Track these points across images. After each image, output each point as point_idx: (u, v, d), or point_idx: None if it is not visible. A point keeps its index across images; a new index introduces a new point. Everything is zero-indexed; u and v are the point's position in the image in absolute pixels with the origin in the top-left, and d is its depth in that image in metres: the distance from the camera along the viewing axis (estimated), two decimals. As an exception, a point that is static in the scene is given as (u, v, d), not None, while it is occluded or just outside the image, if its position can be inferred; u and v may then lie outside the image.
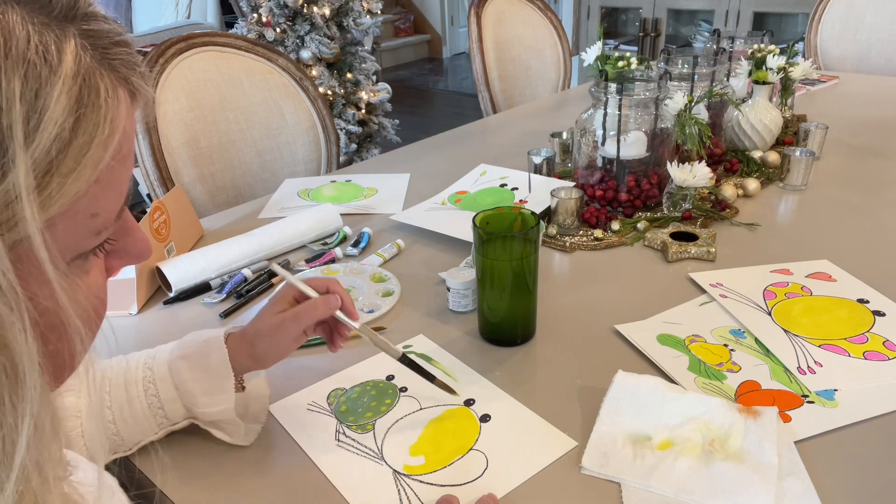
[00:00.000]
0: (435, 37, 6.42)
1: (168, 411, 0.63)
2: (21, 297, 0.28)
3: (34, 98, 0.28)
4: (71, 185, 0.30)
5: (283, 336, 0.64)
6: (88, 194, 0.31)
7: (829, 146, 1.40)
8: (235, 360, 0.64)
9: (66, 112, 0.29)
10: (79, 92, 0.30)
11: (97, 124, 0.31)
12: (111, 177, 0.33)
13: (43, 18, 0.30)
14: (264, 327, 0.64)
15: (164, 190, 1.33)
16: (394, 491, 0.61)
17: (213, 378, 0.63)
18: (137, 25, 4.31)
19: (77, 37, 0.31)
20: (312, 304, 0.65)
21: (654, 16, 4.01)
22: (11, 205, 0.28)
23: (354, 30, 3.03)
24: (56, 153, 0.29)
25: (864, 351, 0.77)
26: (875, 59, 2.22)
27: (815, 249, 1.01)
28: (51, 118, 0.28)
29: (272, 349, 0.65)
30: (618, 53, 1.33)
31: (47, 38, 0.29)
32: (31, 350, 0.29)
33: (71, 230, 0.31)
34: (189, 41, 1.42)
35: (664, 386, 0.70)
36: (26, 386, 0.29)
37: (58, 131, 0.29)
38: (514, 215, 0.81)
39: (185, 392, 0.63)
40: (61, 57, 0.29)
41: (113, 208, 0.34)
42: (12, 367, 0.28)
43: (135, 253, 0.39)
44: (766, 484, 0.58)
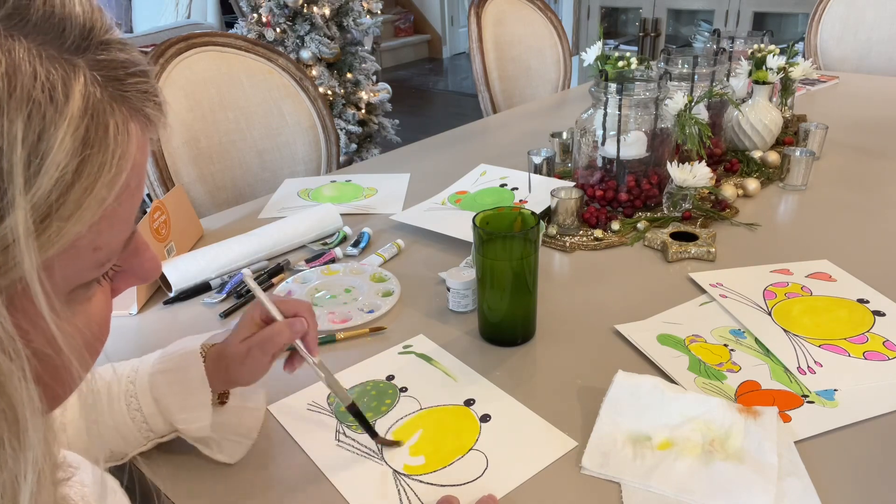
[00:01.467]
0: (435, 37, 6.42)
1: (152, 425, 0.62)
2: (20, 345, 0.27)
3: (37, 140, 0.27)
4: (71, 227, 0.29)
5: (252, 364, 0.62)
6: (91, 231, 0.30)
7: (829, 146, 1.40)
8: (211, 378, 0.62)
9: (69, 154, 0.28)
10: (85, 132, 0.28)
11: (103, 164, 0.29)
12: (117, 212, 0.32)
13: (52, 52, 0.28)
14: (234, 354, 0.62)
15: (164, 190, 1.33)
16: (394, 491, 0.61)
17: (190, 393, 0.61)
18: (137, 25, 4.31)
19: (88, 70, 0.29)
20: (277, 331, 0.62)
21: (654, 16, 4.01)
22: (8, 249, 0.27)
23: (354, 30, 3.03)
24: (57, 197, 0.28)
25: (864, 351, 0.77)
26: (875, 59, 2.22)
27: (815, 249, 1.01)
28: (53, 161, 0.27)
29: (245, 375, 0.63)
30: (618, 53, 1.33)
31: (55, 74, 0.28)
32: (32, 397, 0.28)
33: (71, 265, 0.31)
34: (189, 41, 1.42)
35: (664, 386, 0.70)
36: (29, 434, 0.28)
37: (60, 175, 0.27)
38: (514, 215, 0.81)
39: (164, 408, 0.62)
40: (69, 95, 0.28)
41: (118, 240, 0.33)
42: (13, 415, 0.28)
43: (142, 274, 0.38)
44: (766, 484, 0.58)
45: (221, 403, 0.65)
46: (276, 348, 0.62)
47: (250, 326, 0.63)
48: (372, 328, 0.85)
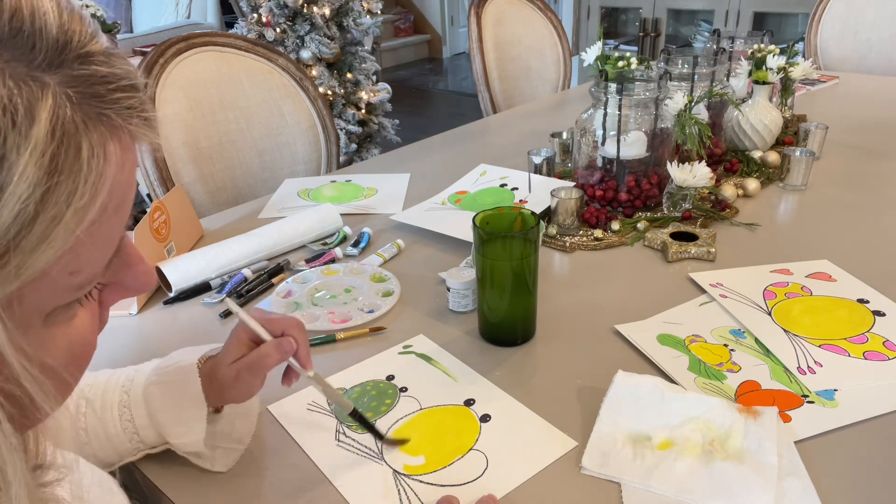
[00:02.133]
0: (435, 37, 6.42)
1: (143, 437, 0.62)
2: None
3: None
4: (37, 259, 0.27)
5: (242, 386, 0.61)
6: (64, 259, 0.28)
7: (829, 146, 1.40)
8: (207, 391, 0.61)
9: (32, 185, 0.26)
10: (52, 158, 0.26)
11: (73, 192, 0.27)
12: (96, 234, 0.29)
13: (21, 68, 0.26)
14: (223, 377, 0.61)
15: (164, 190, 1.33)
16: (394, 491, 0.61)
17: (185, 408, 0.61)
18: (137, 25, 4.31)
19: (60, 87, 0.27)
20: (265, 353, 0.60)
21: (654, 16, 4.01)
22: None
23: (354, 30, 3.03)
24: (17, 232, 0.26)
25: (864, 351, 0.77)
26: (875, 59, 2.22)
27: (815, 249, 1.01)
28: (13, 194, 0.25)
29: (236, 396, 0.63)
30: (618, 53, 1.33)
31: (18, 97, 0.25)
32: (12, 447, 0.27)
33: (45, 291, 0.29)
34: (189, 41, 1.42)
35: (664, 386, 0.70)
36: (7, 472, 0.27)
37: (20, 207, 0.25)
38: (514, 215, 0.81)
39: (157, 421, 0.61)
40: (34, 118, 0.25)
41: (99, 262, 0.31)
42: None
43: (135, 287, 0.36)
44: (766, 484, 0.58)
45: (216, 412, 0.65)
46: (265, 370, 0.61)
47: (238, 347, 0.61)
48: (372, 328, 0.85)
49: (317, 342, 0.83)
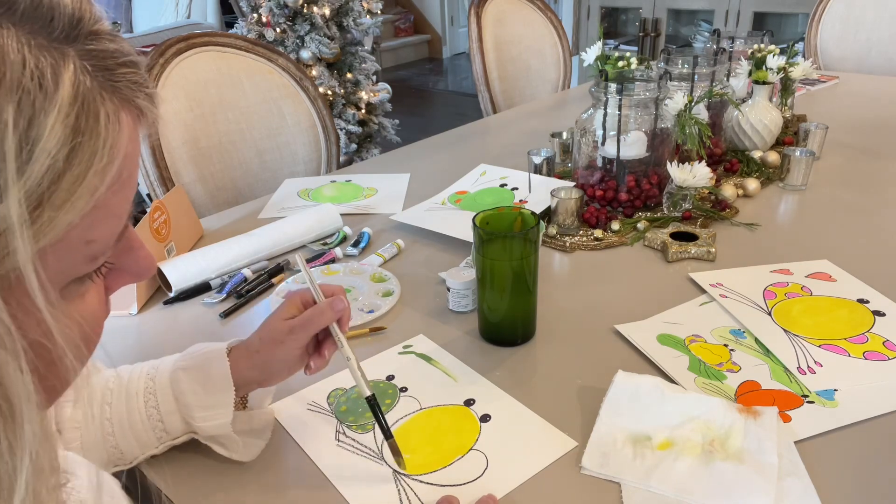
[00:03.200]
0: (435, 37, 6.42)
1: (167, 424, 0.62)
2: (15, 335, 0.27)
3: (27, 127, 0.27)
4: (64, 216, 0.29)
5: (293, 343, 0.62)
6: (84, 222, 0.30)
7: (829, 146, 1.40)
8: (237, 371, 0.62)
9: (60, 142, 0.28)
10: (76, 120, 0.28)
11: (94, 153, 0.29)
12: (109, 203, 0.31)
13: (41, 40, 0.28)
14: (273, 334, 0.62)
15: (164, 190, 1.33)
16: (394, 491, 0.61)
17: (212, 391, 0.61)
18: (137, 25, 4.31)
19: (77, 59, 0.29)
20: (320, 311, 0.62)
21: (654, 16, 4.01)
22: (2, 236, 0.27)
23: (354, 30, 3.03)
24: (48, 185, 0.28)
25: (864, 351, 0.77)
26: (875, 59, 2.22)
27: (815, 249, 1.01)
28: (44, 149, 0.27)
29: (279, 357, 0.62)
30: (618, 53, 1.33)
31: (44, 62, 0.28)
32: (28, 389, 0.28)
33: (63, 258, 0.30)
34: (189, 41, 1.42)
35: (664, 386, 0.70)
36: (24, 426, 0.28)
37: (51, 162, 0.27)
38: (514, 215, 0.81)
39: (183, 405, 0.61)
40: (58, 83, 0.28)
41: (111, 234, 0.33)
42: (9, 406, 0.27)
43: (136, 271, 0.38)
44: (766, 484, 0.58)
45: (243, 407, 0.65)
46: (318, 328, 0.63)
47: (290, 308, 0.64)
48: (372, 328, 0.85)
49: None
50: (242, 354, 0.63)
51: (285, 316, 0.63)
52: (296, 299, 0.65)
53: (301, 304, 0.65)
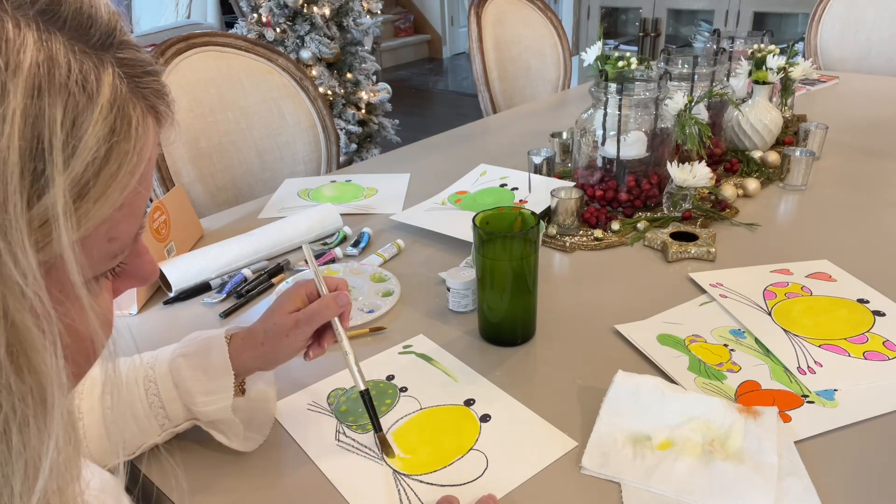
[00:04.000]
0: (435, 37, 6.42)
1: (169, 411, 0.63)
2: (54, 320, 0.29)
3: (72, 126, 0.29)
4: (98, 209, 0.31)
5: (298, 336, 0.63)
6: (112, 219, 0.32)
7: (829, 146, 1.40)
8: (238, 359, 0.63)
9: (100, 141, 0.30)
10: (113, 121, 0.30)
11: (127, 153, 0.31)
12: (133, 202, 0.33)
13: (82, 46, 0.30)
14: (277, 327, 0.63)
15: (164, 190, 1.33)
16: (394, 491, 0.61)
17: (212, 376, 0.62)
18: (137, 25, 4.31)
19: (114, 66, 0.31)
20: (325, 305, 0.64)
21: (654, 16, 4.01)
22: (48, 224, 0.28)
23: (354, 30, 3.03)
24: (88, 179, 0.30)
25: (864, 351, 0.77)
26: (875, 59, 2.22)
27: (815, 249, 1.01)
28: (86, 146, 0.29)
29: (283, 349, 0.64)
30: (618, 53, 1.33)
31: (87, 66, 0.30)
32: (60, 375, 0.29)
33: (91, 253, 0.32)
34: (189, 41, 1.42)
35: (664, 386, 0.70)
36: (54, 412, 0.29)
37: (91, 158, 0.29)
38: (514, 215, 0.81)
39: (184, 391, 0.62)
40: (99, 87, 0.30)
41: (130, 233, 0.35)
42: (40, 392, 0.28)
43: (141, 276, 0.40)
44: (766, 484, 0.58)
45: (241, 393, 0.66)
46: (322, 322, 0.64)
47: (295, 301, 0.65)
48: (372, 328, 0.85)
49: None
50: (246, 345, 0.64)
51: (290, 308, 0.64)
52: (300, 291, 0.66)
53: (305, 296, 0.66)
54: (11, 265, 0.27)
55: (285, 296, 0.66)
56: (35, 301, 0.28)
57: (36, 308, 0.28)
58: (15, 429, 0.28)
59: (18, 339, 0.28)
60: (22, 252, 0.27)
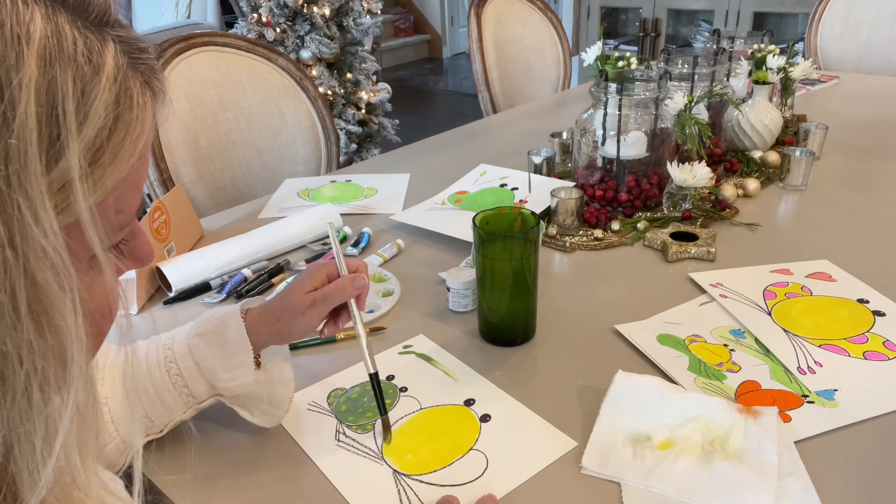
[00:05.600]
0: (435, 37, 6.42)
1: (193, 389, 0.64)
2: (74, 277, 0.30)
3: (81, 94, 0.30)
4: (110, 176, 0.32)
5: (313, 315, 0.65)
6: (118, 190, 0.33)
7: (829, 146, 1.40)
8: (254, 334, 0.64)
9: (108, 109, 0.31)
10: (118, 92, 0.32)
11: (131, 122, 0.33)
12: (136, 176, 0.35)
13: (84, 22, 0.32)
14: (295, 305, 0.64)
15: (164, 190, 1.33)
16: (394, 491, 0.61)
17: (231, 353, 0.63)
18: (137, 25, 4.30)
19: (114, 41, 0.33)
20: (342, 286, 0.65)
21: (654, 16, 4.01)
22: (66, 187, 0.30)
23: (354, 30, 3.03)
24: (99, 145, 0.31)
25: (864, 351, 0.77)
26: (875, 59, 2.22)
27: (815, 249, 1.01)
28: (96, 112, 0.31)
29: (298, 327, 0.65)
30: (618, 53, 1.33)
31: (91, 40, 0.31)
32: (80, 333, 0.30)
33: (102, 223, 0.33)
34: (189, 41, 1.42)
35: (664, 386, 0.70)
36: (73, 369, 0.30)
37: (101, 125, 0.31)
38: (514, 215, 0.81)
39: (206, 368, 0.63)
40: (103, 60, 0.32)
41: (133, 206, 0.36)
42: (60, 349, 0.30)
43: (140, 256, 0.41)
44: (766, 484, 0.58)
45: (257, 366, 0.66)
46: (340, 301, 0.65)
47: (313, 280, 0.66)
48: (372, 328, 0.85)
49: (316, 342, 0.83)
50: (262, 320, 0.65)
51: (308, 288, 0.65)
52: (321, 272, 0.67)
53: (325, 276, 0.67)
54: (33, 223, 0.28)
55: (306, 274, 0.67)
56: (55, 258, 0.29)
57: (56, 265, 0.29)
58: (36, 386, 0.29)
59: (39, 297, 0.29)
60: (43, 211, 0.29)
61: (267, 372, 0.67)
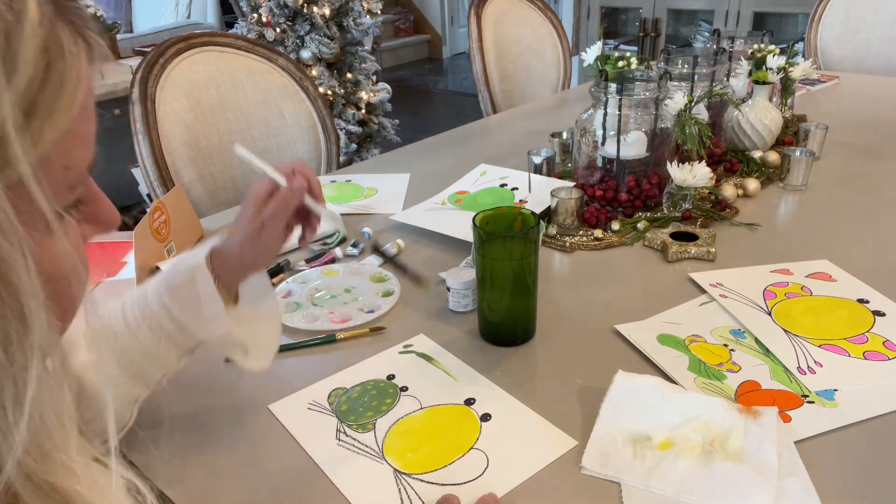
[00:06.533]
0: (435, 37, 6.42)
1: (177, 342, 0.65)
2: (22, 233, 0.29)
3: (6, 43, 0.29)
4: (49, 130, 0.31)
5: (268, 237, 0.64)
6: (61, 145, 0.32)
7: (829, 146, 1.40)
8: (226, 277, 0.65)
9: (37, 55, 0.30)
10: (45, 39, 0.31)
11: (64, 72, 0.32)
12: (80, 129, 0.34)
13: None
14: (247, 234, 0.64)
15: (164, 190, 1.33)
16: (394, 490, 0.61)
17: (204, 307, 0.64)
18: (137, 25, 4.31)
19: None
20: (283, 198, 0.64)
21: (654, 16, 4.01)
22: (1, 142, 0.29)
23: (354, 30, 3.03)
24: (33, 96, 0.30)
25: (864, 351, 0.77)
26: (875, 59, 2.22)
27: (815, 249, 1.01)
28: (25, 61, 0.29)
29: (262, 251, 0.65)
30: (618, 53, 1.33)
31: None
32: (35, 289, 0.30)
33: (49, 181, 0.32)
34: (189, 41, 1.42)
35: (664, 386, 0.70)
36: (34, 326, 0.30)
37: (31, 74, 0.30)
38: (514, 215, 0.81)
39: (182, 324, 0.64)
40: (25, 6, 0.30)
41: (83, 162, 0.35)
42: (18, 307, 0.29)
43: (104, 219, 0.40)
44: (766, 484, 0.58)
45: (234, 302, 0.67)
46: (287, 213, 0.65)
47: (256, 203, 0.65)
48: (372, 328, 0.86)
49: (317, 342, 0.83)
50: (228, 262, 0.65)
51: (252, 213, 0.65)
52: (260, 192, 0.65)
53: (265, 194, 0.65)
54: None
55: (247, 202, 0.66)
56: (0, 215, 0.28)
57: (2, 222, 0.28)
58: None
59: None
60: None
61: (250, 306, 0.67)
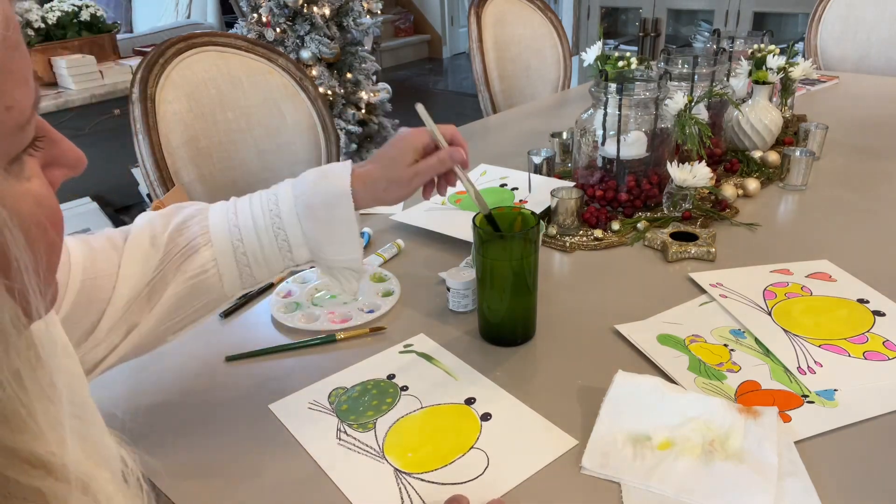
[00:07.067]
0: (435, 37, 6.42)
1: (295, 254, 0.68)
2: None
3: None
4: None
5: (415, 185, 0.71)
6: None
7: (829, 146, 1.40)
8: (359, 203, 0.68)
9: None
10: None
11: None
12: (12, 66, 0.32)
13: None
14: (399, 178, 0.70)
15: (164, 190, 1.33)
16: (395, 490, 0.61)
17: (340, 231, 0.67)
18: (137, 25, 4.31)
19: None
20: (443, 160, 0.71)
21: (654, 16, 4.01)
22: None
23: (354, 30, 3.03)
24: None
25: (864, 351, 0.77)
26: (875, 59, 2.22)
27: (815, 249, 1.01)
28: None
29: (401, 195, 0.71)
30: (618, 53, 1.33)
31: None
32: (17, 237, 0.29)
33: None
34: (189, 41, 1.42)
35: (664, 386, 0.70)
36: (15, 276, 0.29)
37: None
38: (514, 215, 0.81)
39: (312, 239, 0.67)
40: None
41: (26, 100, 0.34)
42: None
43: (70, 161, 0.39)
44: (766, 484, 0.59)
45: None
46: (440, 173, 0.73)
47: (414, 153, 0.71)
48: (372, 328, 0.86)
49: (317, 342, 0.83)
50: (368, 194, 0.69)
51: (410, 160, 0.71)
52: (418, 144, 0.72)
53: (422, 148, 0.72)
54: None
55: (406, 147, 0.71)
56: None
57: None
58: None
59: None
60: None
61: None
